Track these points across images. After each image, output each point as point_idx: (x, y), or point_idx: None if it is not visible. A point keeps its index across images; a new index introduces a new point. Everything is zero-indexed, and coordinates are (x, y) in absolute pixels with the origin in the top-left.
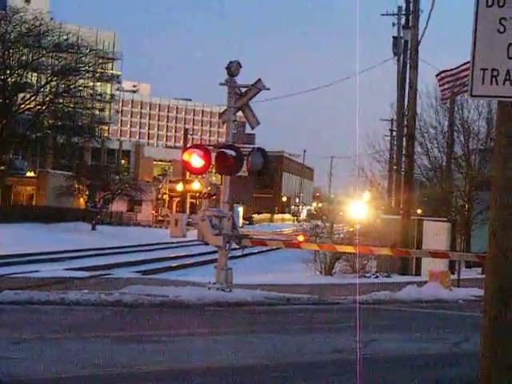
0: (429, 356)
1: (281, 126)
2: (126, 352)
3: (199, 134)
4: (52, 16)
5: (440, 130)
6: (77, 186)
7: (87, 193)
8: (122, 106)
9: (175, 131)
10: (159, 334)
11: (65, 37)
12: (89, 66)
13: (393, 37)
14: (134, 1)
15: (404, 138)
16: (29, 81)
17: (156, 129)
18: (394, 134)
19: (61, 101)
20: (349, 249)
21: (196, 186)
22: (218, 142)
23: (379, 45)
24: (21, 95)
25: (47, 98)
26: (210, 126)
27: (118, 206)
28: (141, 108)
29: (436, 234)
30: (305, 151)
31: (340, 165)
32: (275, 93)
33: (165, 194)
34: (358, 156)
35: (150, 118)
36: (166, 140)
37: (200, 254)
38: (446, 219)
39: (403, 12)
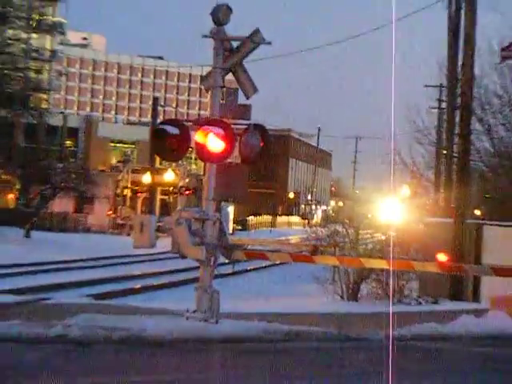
0: None
1: (287, 95)
2: None
3: (174, 105)
4: None
5: (507, 100)
6: (3, 176)
7: (18, 186)
8: (68, 66)
9: (141, 101)
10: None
11: None
12: (21, 11)
13: None
14: None
15: (457, 112)
16: None
17: (114, 98)
18: (444, 105)
19: None
20: (380, 264)
21: (169, 177)
22: (200, 117)
23: None
24: None
25: None
26: (189, 95)
27: (62, 204)
28: (93, 69)
29: (502, 243)
30: (319, 130)
31: (368, 149)
32: (280, 49)
33: (126, 188)
34: (392, 136)
35: (105, 83)
36: (128, 114)
37: (175, 272)
38: None
39: None
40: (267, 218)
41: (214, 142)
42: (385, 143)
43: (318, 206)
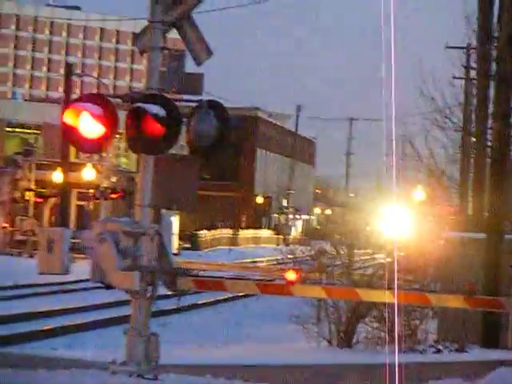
0: None
1: (254, 62)
2: None
3: (95, 73)
4: None
5: None
6: None
7: None
8: None
9: (48, 69)
10: None
11: None
12: None
13: None
14: None
15: (492, 84)
16: None
17: (11, 64)
18: (473, 75)
19: None
20: (383, 297)
21: (89, 175)
22: (132, 90)
23: None
24: None
25: None
26: (117, 60)
27: None
28: None
29: None
30: (299, 109)
31: (365, 136)
32: None
33: (28, 190)
34: (394, 110)
35: None
36: (31, 86)
37: (97, 307)
38: None
39: None
40: (226, 232)
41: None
42: (389, 127)
43: (298, 216)
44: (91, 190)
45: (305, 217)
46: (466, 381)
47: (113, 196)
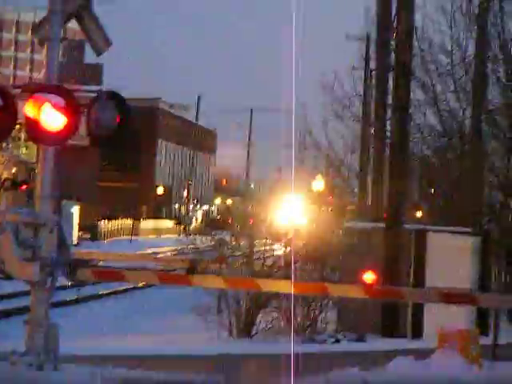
0: None
1: (153, 51)
2: None
3: None
4: None
5: (461, 58)
6: None
7: None
8: None
9: None
10: None
11: None
12: None
13: None
14: None
15: (391, 75)
16: None
17: None
18: (373, 66)
19: None
20: (283, 287)
21: None
22: (32, 81)
23: None
24: None
25: None
26: (16, 50)
27: None
28: None
29: (452, 257)
30: (199, 99)
31: (265, 127)
32: None
33: None
34: (294, 101)
35: None
36: None
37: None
38: (470, 230)
39: None
40: (126, 222)
41: (51, 117)
42: (290, 117)
43: (198, 206)
44: None
45: (205, 207)
46: (365, 370)
47: (12, 188)
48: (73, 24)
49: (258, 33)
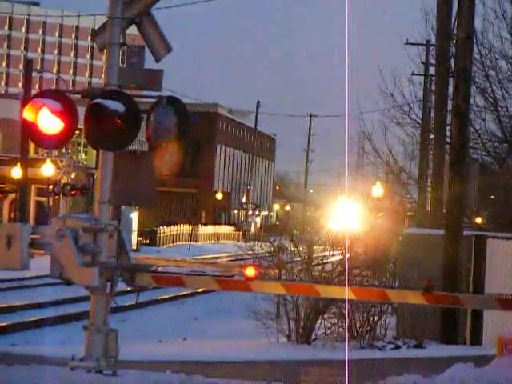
0: None
1: (214, 59)
2: None
3: (54, 69)
4: None
5: None
6: None
7: None
8: None
9: (8, 65)
10: None
11: None
12: None
13: None
14: None
15: (451, 81)
16: None
17: None
18: (432, 71)
19: None
20: (342, 293)
21: (48, 171)
22: (91, 86)
23: None
24: None
25: None
26: (76, 56)
27: None
28: None
29: None
30: (259, 105)
31: (325, 131)
32: None
33: None
34: (347, 108)
35: None
36: None
37: (56, 303)
38: None
39: None
40: (185, 228)
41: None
42: (349, 123)
43: (257, 212)
44: (51, 186)
45: (264, 213)
46: (424, 377)
47: (72, 192)
48: (133, 30)
49: (316, 37)
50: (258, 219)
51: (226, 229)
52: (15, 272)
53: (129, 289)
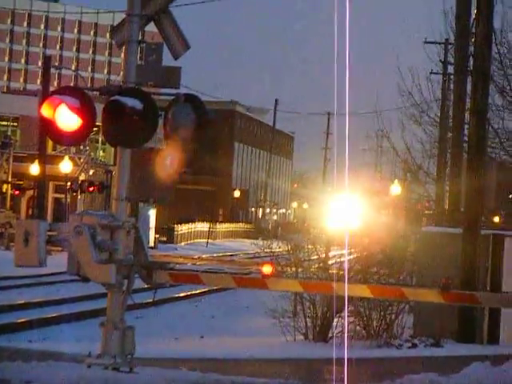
0: None
1: (230, 55)
2: None
3: (73, 66)
4: None
5: None
6: None
7: None
8: None
9: (26, 61)
10: None
11: None
12: None
13: None
14: None
15: (469, 79)
16: None
17: None
18: (451, 70)
19: None
20: (360, 291)
21: (66, 167)
22: (110, 84)
23: None
24: None
25: None
26: (95, 53)
27: None
28: None
29: None
30: (277, 102)
31: (342, 130)
32: None
33: (5, 182)
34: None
35: None
36: (9, 78)
37: (73, 300)
38: None
39: None
40: (203, 225)
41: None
42: (368, 122)
43: (275, 210)
44: (68, 183)
45: (282, 211)
46: (441, 376)
47: (90, 189)
48: (151, 27)
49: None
50: (276, 217)
51: (244, 226)
52: (33, 269)
53: (145, 286)
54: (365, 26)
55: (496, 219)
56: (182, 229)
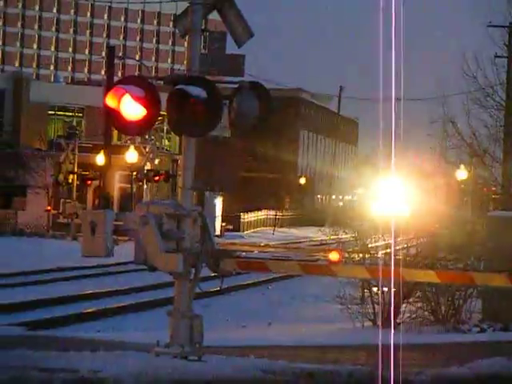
0: None
1: (295, 42)
2: None
3: (137, 56)
4: None
5: None
6: None
7: None
8: None
9: (90, 52)
10: None
11: None
12: None
13: None
14: None
15: None
16: None
17: (53, 48)
18: None
19: None
20: (427, 277)
21: (132, 157)
22: (174, 73)
23: None
24: None
25: None
26: (158, 43)
27: None
28: (23, 7)
29: None
30: (341, 89)
31: (408, 115)
32: None
33: (72, 173)
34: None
35: (40, 27)
36: (74, 69)
37: (140, 290)
38: None
39: None
40: (269, 213)
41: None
42: (432, 106)
43: (341, 196)
44: (134, 173)
45: (348, 197)
46: (511, 360)
47: (156, 178)
48: (214, 15)
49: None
50: (342, 204)
51: (310, 213)
52: (99, 259)
53: (212, 274)
54: (428, 12)
55: None
56: (249, 217)
